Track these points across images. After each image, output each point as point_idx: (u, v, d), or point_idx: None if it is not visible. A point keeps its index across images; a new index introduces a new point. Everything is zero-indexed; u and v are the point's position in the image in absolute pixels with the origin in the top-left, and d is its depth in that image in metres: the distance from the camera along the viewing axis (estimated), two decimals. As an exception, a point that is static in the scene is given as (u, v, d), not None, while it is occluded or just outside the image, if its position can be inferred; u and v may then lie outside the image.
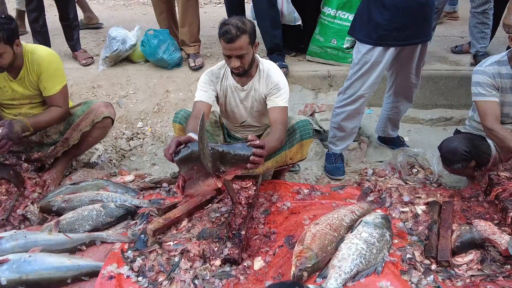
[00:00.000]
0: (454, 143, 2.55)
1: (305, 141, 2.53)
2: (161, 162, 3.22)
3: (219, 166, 2.01)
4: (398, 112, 3.18)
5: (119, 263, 2.02)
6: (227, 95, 2.54)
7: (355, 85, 2.79)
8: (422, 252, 2.11)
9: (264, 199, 2.57)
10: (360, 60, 2.73)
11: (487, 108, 2.43)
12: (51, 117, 2.66)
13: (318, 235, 2.00)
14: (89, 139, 2.79)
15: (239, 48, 2.26)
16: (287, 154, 2.56)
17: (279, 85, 2.43)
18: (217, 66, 2.54)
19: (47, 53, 2.63)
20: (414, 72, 2.90)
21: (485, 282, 1.93)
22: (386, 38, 2.64)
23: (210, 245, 2.09)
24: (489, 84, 2.42)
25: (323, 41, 3.88)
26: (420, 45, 2.76)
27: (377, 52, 2.67)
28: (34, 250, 2.04)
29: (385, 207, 2.51)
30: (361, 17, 2.74)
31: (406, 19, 2.59)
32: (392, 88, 3.08)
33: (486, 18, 3.81)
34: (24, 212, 2.45)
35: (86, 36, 4.65)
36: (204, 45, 4.15)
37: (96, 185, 2.65)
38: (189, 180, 2.04)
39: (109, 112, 2.77)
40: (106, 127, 2.82)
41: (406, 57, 2.81)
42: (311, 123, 2.57)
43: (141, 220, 2.35)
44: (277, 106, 2.43)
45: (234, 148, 2.01)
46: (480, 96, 2.44)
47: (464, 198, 2.59)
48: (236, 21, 2.24)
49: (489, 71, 2.43)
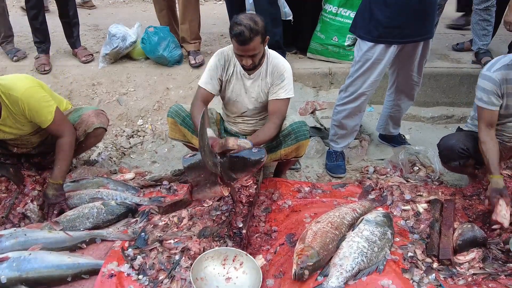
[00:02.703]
0: (451, 141, 2.54)
1: (302, 143, 2.49)
2: (161, 160, 3.21)
3: (230, 174, 2.08)
4: (400, 110, 3.16)
5: (120, 261, 2.01)
6: (232, 81, 2.52)
7: (357, 82, 2.78)
8: (423, 251, 2.10)
9: (265, 197, 2.56)
10: (362, 57, 2.71)
11: (483, 115, 2.45)
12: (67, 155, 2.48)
13: (320, 233, 1.99)
14: (83, 146, 2.72)
15: (252, 49, 2.28)
16: (282, 153, 2.55)
17: (284, 75, 2.45)
18: (230, 47, 2.49)
19: (23, 89, 2.31)
20: (416, 70, 2.88)
21: (487, 281, 1.93)
22: (387, 35, 2.62)
23: (211, 243, 2.09)
24: (493, 92, 2.41)
25: (324, 39, 3.86)
26: (422, 43, 2.75)
27: (378, 49, 2.65)
28: (34, 248, 2.04)
29: (387, 205, 2.50)
30: (362, 14, 2.72)
31: (407, 16, 2.58)
32: (393, 86, 3.07)
33: (488, 15, 3.79)
34: (24, 210, 2.44)
35: (86, 33, 4.63)
36: (204, 42, 4.14)
37: (96, 183, 2.64)
38: (196, 186, 2.12)
39: (100, 122, 2.65)
40: (98, 136, 2.72)
41: (407, 55, 2.79)
42: (305, 124, 2.52)
43: (142, 218, 2.35)
44: (278, 98, 2.45)
45: (243, 154, 2.09)
46: (482, 102, 2.44)
47: (466, 196, 2.58)
48: (248, 22, 2.22)
49: (496, 78, 2.40)
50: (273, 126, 2.44)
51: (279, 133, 2.49)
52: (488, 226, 2.29)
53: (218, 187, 2.07)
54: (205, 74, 2.50)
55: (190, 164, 2.09)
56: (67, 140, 2.48)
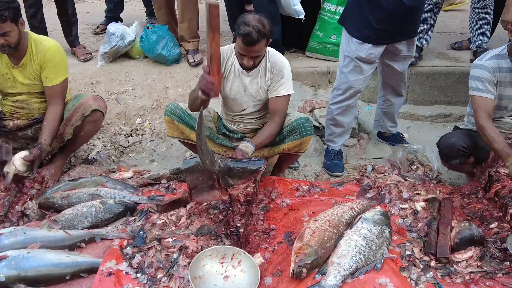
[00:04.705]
0: (452, 139, 2.55)
1: (305, 138, 2.54)
2: (160, 159, 3.21)
3: (228, 180, 2.12)
4: (391, 105, 3.19)
5: (118, 260, 2.02)
6: (230, 78, 2.52)
7: (348, 79, 2.82)
8: (421, 249, 2.11)
9: (263, 196, 2.56)
10: (351, 54, 2.77)
11: (481, 104, 2.45)
12: (55, 121, 2.64)
13: (318, 231, 2.00)
14: (82, 133, 2.78)
15: (257, 51, 2.31)
16: (285, 147, 2.58)
17: (283, 72, 2.47)
18: (228, 46, 2.52)
19: (53, 44, 2.66)
20: (401, 66, 2.94)
21: (484, 279, 1.93)
22: (376, 36, 2.68)
23: (209, 242, 2.09)
24: (488, 79, 2.43)
25: (323, 37, 3.86)
26: (406, 41, 2.82)
27: (367, 48, 2.71)
28: (33, 246, 2.03)
29: (384, 203, 2.51)
30: (353, 10, 2.76)
31: (397, 20, 2.64)
32: (380, 81, 3.13)
33: (486, 14, 3.80)
34: (23, 209, 2.44)
35: (85, 32, 4.62)
36: (203, 41, 4.12)
37: (94, 181, 2.63)
38: (194, 188, 2.15)
39: (98, 105, 2.75)
40: (96, 121, 2.81)
41: (391, 51, 2.85)
42: (310, 120, 2.59)
43: (140, 216, 2.35)
44: (278, 95, 2.48)
45: (242, 163, 2.15)
46: (477, 91, 2.45)
47: (464, 194, 2.59)
48: (257, 24, 2.24)
49: (488, 65, 2.43)
50: (275, 125, 2.47)
51: (282, 129, 2.52)
52: (485, 225, 2.30)
53: (216, 191, 2.11)
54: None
55: (189, 167, 2.14)
56: (58, 109, 2.67)
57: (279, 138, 2.55)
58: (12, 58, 2.59)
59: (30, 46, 2.59)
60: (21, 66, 2.61)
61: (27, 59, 2.60)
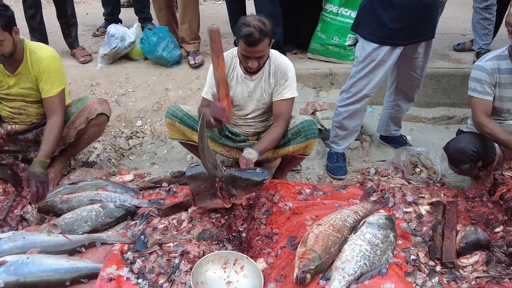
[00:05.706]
0: (461, 144, 2.51)
1: (310, 141, 2.52)
2: (161, 162, 3.18)
3: (231, 191, 2.10)
4: (400, 110, 3.14)
5: (119, 265, 1.99)
6: (233, 86, 2.50)
7: (360, 84, 2.75)
8: (426, 253, 2.08)
9: (265, 199, 2.53)
10: (366, 58, 2.69)
11: (479, 105, 2.45)
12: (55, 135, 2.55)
13: (321, 236, 1.97)
14: (85, 137, 2.75)
15: (260, 51, 2.28)
16: (290, 150, 2.55)
17: (288, 74, 2.45)
18: (229, 53, 2.50)
19: (48, 55, 2.56)
20: (418, 71, 2.87)
21: (490, 284, 1.91)
22: (392, 37, 2.61)
23: (210, 247, 2.07)
24: (487, 81, 2.43)
25: (324, 39, 3.84)
26: (424, 43, 2.73)
27: (383, 51, 2.63)
28: (32, 251, 2.01)
29: (388, 207, 2.48)
30: (365, 13, 2.70)
31: (412, 18, 2.57)
32: (393, 86, 3.05)
33: (489, 14, 3.78)
34: (22, 213, 2.42)
35: (84, 33, 4.60)
36: (204, 43, 4.11)
37: (95, 184, 2.61)
38: (197, 195, 2.17)
39: (104, 109, 2.72)
40: (101, 124, 2.78)
41: (408, 55, 2.77)
42: (315, 122, 2.56)
43: (141, 220, 2.32)
44: (283, 99, 2.45)
45: (246, 174, 2.11)
46: (476, 92, 2.46)
47: (468, 198, 2.56)
48: (258, 23, 2.21)
49: (488, 67, 2.43)
50: (280, 129, 2.45)
51: (287, 131, 2.50)
52: (491, 229, 2.27)
53: (218, 199, 2.10)
54: (206, 83, 2.55)
55: (192, 174, 2.16)
56: (57, 121, 2.57)
57: (284, 141, 2.52)
58: (8, 67, 2.52)
59: (26, 55, 2.51)
60: (17, 75, 2.54)
61: (23, 68, 2.53)
